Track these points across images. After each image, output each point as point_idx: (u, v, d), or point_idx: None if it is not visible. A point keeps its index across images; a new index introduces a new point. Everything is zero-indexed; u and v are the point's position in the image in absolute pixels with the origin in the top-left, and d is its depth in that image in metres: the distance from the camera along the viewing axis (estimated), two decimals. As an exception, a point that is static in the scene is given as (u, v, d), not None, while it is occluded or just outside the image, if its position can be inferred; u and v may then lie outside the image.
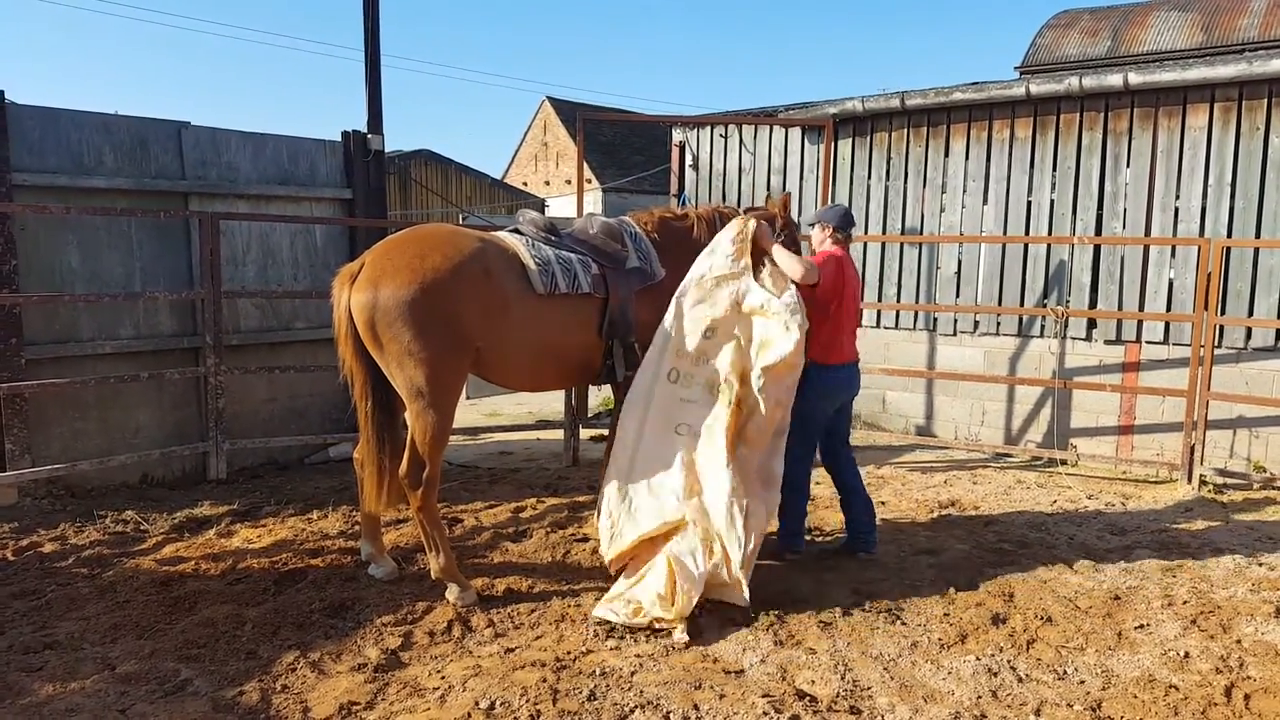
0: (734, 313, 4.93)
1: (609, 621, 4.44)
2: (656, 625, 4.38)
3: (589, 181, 32.83)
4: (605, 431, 7.84)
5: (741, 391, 4.84)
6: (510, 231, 5.24)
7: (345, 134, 8.33)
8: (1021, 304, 8.42)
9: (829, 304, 5.33)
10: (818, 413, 5.42)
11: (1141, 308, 7.90)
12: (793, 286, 5.01)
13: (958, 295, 8.82)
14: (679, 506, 4.70)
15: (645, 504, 4.78)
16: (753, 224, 5.18)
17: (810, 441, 5.53)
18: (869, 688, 3.93)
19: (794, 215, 6.09)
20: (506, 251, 4.97)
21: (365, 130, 8.48)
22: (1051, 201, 8.31)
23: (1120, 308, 7.98)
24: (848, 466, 5.65)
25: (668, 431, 4.89)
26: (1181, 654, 4.27)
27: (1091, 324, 8.14)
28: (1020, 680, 4.01)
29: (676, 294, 5.04)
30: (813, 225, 5.58)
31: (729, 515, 4.63)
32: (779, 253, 5.16)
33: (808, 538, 5.82)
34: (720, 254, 5.07)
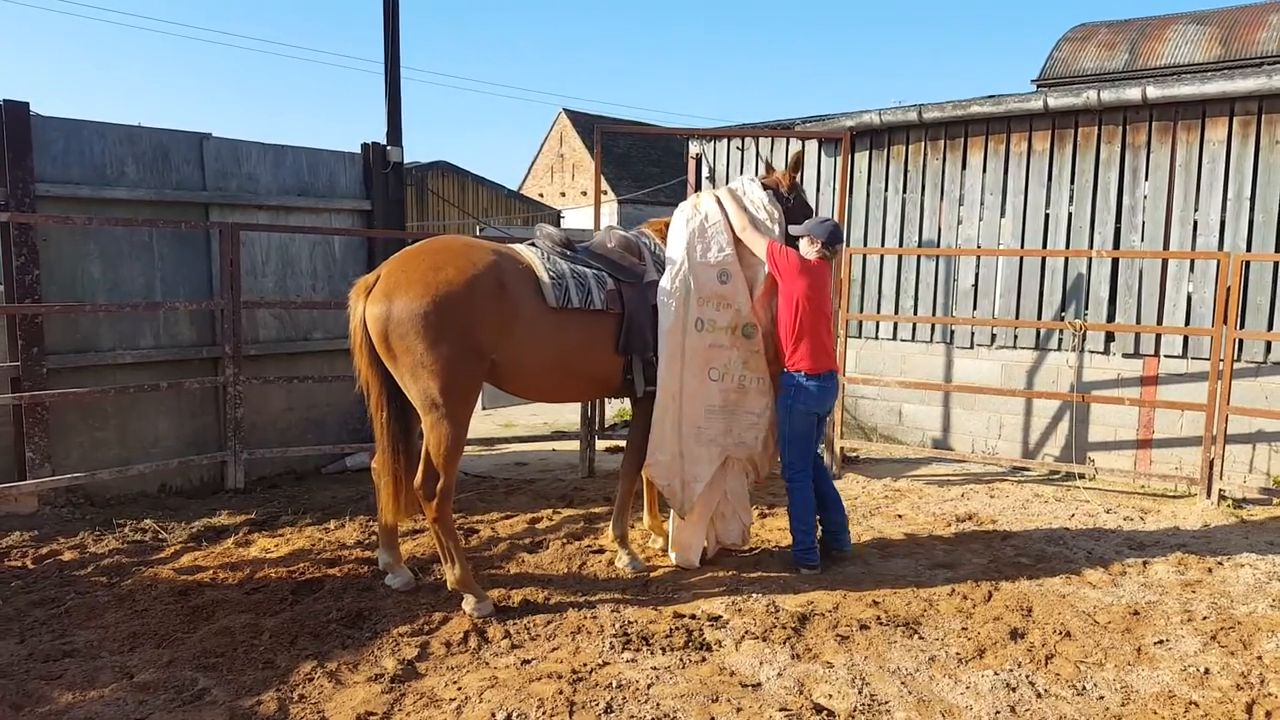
0: (735, 253, 5.45)
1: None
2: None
3: (604, 193, 32.92)
4: (621, 443, 7.85)
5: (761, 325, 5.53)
6: (527, 245, 5.26)
7: (365, 146, 8.39)
8: (1039, 317, 8.39)
9: (805, 311, 5.33)
10: (807, 422, 5.51)
11: (1160, 321, 7.86)
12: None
13: (975, 308, 8.79)
14: (721, 448, 5.43)
15: (699, 453, 5.37)
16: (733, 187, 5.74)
17: (808, 454, 5.60)
18: (886, 702, 3.91)
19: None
20: (520, 264, 4.98)
21: (384, 142, 8.54)
22: (1069, 215, 8.28)
23: (1139, 321, 7.94)
24: (823, 474, 5.80)
25: (704, 380, 5.35)
26: (1201, 670, 4.23)
27: (1109, 337, 8.10)
28: (1039, 696, 3.98)
29: (684, 246, 5.35)
30: (799, 238, 5.53)
31: (761, 438, 5.56)
32: (748, 234, 5.45)
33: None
34: (714, 208, 5.55)
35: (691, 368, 5.30)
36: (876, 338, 9.32)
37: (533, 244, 5.28)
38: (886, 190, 9.21)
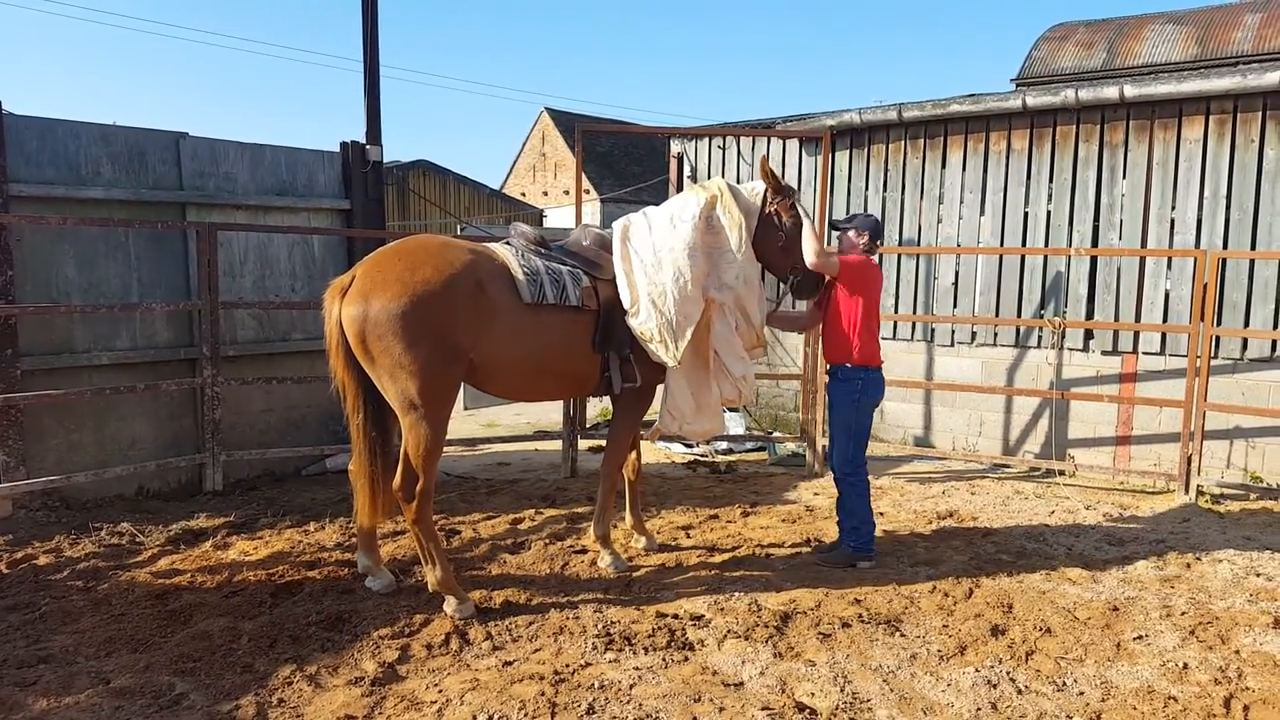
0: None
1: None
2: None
3: (587, 192, 32.92)
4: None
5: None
6: (501, 244, 5.24)
7: (344, 145, 8.33)
8: (1019, 315, 8.43)
9: (870, 309, 5.58)
10: (871, 416, 5.77)
11: (1138, 319, 7.91)
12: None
13: (955, 306, 8.83)
14: (703, 291, 5.32)
15: (693, 295, 5.28)
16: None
17: (865, 448, 5.73)
18: (868, 700, 3.91)
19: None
20: (496, 262, 4.96)
21: (364, 141, 8.49)
22: (1048, 213, 8.33)
23: (1117, 319, 7.99)
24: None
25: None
26: (1180, 665, 4.26)
27: (1088, 335, 8.15)
28: (1020, 692, 4.00)
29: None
30: (845, 230, 5.72)
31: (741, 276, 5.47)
32: (806, 233, 5.47)
33: (808, 549, 5.84)
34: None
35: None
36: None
37: (507, 243, 5.27)
38: (867, 189, 9.24)
